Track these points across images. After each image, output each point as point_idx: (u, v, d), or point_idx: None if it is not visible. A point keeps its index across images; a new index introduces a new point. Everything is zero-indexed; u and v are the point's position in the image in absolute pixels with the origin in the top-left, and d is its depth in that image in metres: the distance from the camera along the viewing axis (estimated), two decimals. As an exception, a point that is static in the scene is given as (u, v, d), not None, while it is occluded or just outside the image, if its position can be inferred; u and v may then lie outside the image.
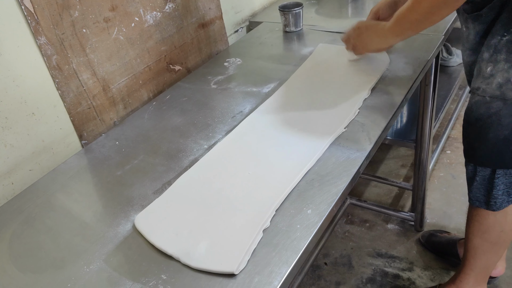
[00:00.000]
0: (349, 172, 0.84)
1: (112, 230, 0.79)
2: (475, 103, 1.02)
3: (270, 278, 0.65)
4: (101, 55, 1.09)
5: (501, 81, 0.94)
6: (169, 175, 0.91)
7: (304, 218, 0.75)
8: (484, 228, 1.18)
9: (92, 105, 1.10)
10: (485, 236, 1.19)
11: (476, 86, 1.00)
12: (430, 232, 1.63)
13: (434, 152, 1.89)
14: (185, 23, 1.33)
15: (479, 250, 1.23)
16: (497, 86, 0.95)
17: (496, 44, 0.94)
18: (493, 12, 0.94)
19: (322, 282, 1.57)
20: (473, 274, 1.28)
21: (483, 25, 0.98)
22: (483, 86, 0.98)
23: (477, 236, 1.21)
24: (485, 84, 0.98)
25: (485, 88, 0.98)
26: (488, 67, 0.97)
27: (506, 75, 0.94)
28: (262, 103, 1.09)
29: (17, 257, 0.77)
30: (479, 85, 0.99)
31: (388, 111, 0.99)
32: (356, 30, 1.12)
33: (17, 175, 0.98)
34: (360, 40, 1.11)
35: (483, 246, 1.22)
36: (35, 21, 0.93)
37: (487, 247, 1.22)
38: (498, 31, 0.94)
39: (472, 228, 1.21)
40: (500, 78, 0.94)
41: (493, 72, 0.95)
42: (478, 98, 1.00)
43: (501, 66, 0.94)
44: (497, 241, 1.20)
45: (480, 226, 1.19)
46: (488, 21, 0.96)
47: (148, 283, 0.67)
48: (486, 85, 0.97)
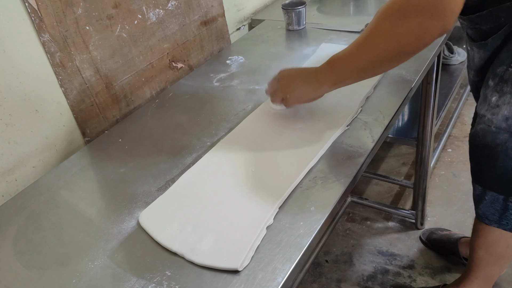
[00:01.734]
0: (352, 170, 0.84)
1: (116, 226, 0.79)
2: (481, 130, 0.98)
3: (273, 274, 0.66)
4: (104, 52, 1.09)
5: (507, 114, 0.91)
6: (173, 172, 0.91)
7: (307, 215, 0.75)
8: (489, 242, 1.17)
9: (95, 102, 1.10)
10: (490, 250, 1.18)
11: (482, 113, 0.97)
12: (431, 230, 1.64)
13: (435, 150, 1.89)
14: (188, 21, 1.33)
15: (483, 262, 1.22)
16: (503, 118, 0.92)
17: (502, 74, 0.90)
18: (499, 41, 0.91)
19: (323, 279, 1.57)
20: (477, 282, 1.28)
21: (488, 52, 0.94)
22: (488, 116, 0.94)
23: (482, 249, 1.20)
24: (490, 113, 0.94)
25: (490, 118, 0.94)
26: (493, 96, 0.93)
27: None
28: (264, 101, 1.09)
29: (22, 253, 0.77)
30: (485, 113, 0.95)
31: (391, 109, 0.99)
32: (282, 80, 0.96)
33: (20, 172, 0.98)
34: (290, 91, 0.95)
35: (488, 259, 1.21)
36: (38, 18, 0.94)
37: (492, 260, 1.21)
38: (504, 61, 0.90)
39: (477, 241, 1.19)
40: (506, 111, 0.91)
41: (499, 103, 0.92)
42: (484, 126, 0.96)
43: (507, 99, 0.90)
44: (502, 255, 1.19)
45: (485, 240, 1.17)
46: (493, 48, 0.93)
47: (152, 279, 0.68)
48: (492, 115, 0.94)
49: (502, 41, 0.90)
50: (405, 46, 0.76)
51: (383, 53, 0.78)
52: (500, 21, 0.88)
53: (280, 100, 0.97)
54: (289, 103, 0.96)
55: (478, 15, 0.89)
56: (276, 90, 0.97)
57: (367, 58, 0.81)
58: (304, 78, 0.93)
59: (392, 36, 0.75)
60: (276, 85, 0.97)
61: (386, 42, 0.77)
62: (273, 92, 0.98)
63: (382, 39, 0.77)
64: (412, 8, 0.71)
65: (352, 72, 0.85)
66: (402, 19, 0.73)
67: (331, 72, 0.88)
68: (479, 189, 1.06)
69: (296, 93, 0.94)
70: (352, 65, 0.84)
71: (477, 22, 0.91)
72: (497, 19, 0.88)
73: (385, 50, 0.78)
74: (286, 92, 0.95)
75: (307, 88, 0.92)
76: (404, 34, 0.74)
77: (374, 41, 0.79)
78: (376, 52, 0.79)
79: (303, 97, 0.94)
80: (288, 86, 0.95)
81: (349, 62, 0.85)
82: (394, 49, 0.77)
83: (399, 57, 0.80)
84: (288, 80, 0.96)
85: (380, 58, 0.80)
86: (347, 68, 0.85)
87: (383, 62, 0.81)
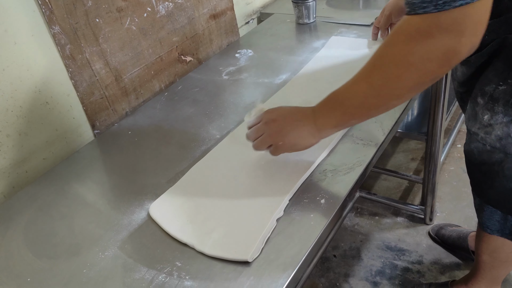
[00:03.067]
0: (362, 163, 0.84)
1: (127, 217, 0.79)
2: (475, 148, 0.94)
3: (283, 266, 0.66)
4: (114, 45, 1.09)
5: (501, 135, 0.86)
6: (182, 164, 0.91)
7: (318, 207, 0.75)
8: (493, 248, 1.16)
9: (105, 95, 1.10)
10: (494, 255, 1.18)
11: (474, 130, 0.92)
12: (440, 226, 1.63)
13: (445, 145, 1.88)
14: (197, 14, 1.33)
15: (488, 265, 1.22)
16: (496, 138, 0.87)
17: (492, 92, 0.84)
18: (482, 59, 0.86)
19: (331, 274, 1.57)
20: (485, 282, 1.28)
21: (471, 69, 0.90)
22: (481, 134, 0.90)
23: (486, 254, 1.19)
24: (483, 132, 0.89)
25: (484, 137, 0.90)
26: (485, 114, 0.87)
27: (506, 130, 0.85)
28: (274, 94, 1.09)
29: (33, 243, 0.77)
30: (477, 131, 0.91)
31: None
32: (272, 123, 0.78)
33: (31, 164, 0.98)
34: (282, 138, 0.77)
35: (493, 263, 1.21)
36: (49, 10, 0.94)
37: (497, 264, 1.21)
38: (492, 79, 0.85)
39: (481, 247, 1.19)
40: (499, 131, 0.86)
41: (491, 122, 0.86)
42: (479, 145, 0.92)
43: (499, 119, 0.85)
44: (506, 260, 1.18)
45: (488, 246, 1.17)
46: (476, 65, 0.88)
47: (163, 269, 0.68)
48: (485, 134, 0.89)
49: (486, 59, 0.85)
50: (427, 74, 0.62)
51: (398, 85, 0.64)
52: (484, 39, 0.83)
53: (264, 146, 0.79)
54: (278, 151, 0.79)
55: None
56: (264, 136, 0.78)
57: (376, 93, 0.67)
58: (298, 121, 0.77)
59: (411, 64, 0.61)
60: (263, 129, 0.79)
61: (402, 71, 0.62)
62: (259, 137, 0.79)
63: (397, 68, 0.63)
64: (435, 26, 0.57)
65: (358, 110, 0.71)
66: (423, 41, 0.59)
67: (332, 112, 0.74)
68: (478, 201, 1.05)
69: (289, 140, 0.77)
70: (358, 101, 0.70)
71: None
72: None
73: (401, 81, 0.63)
74: (276, 139, 0.77)
75: (302, 133, 0.76)
76: (426, 60, 0.60)
77: (387, 71, 0.64)
78: (389, 85, 0.65)
79: (298, 145, 0.78)
80: (280, 131, 0.77)
81: (354, 98, 0.70)
82: (412, 79, 0.62)
83: (416, 89, 0.65)
84: (279, 123, 0.78)
85: (394, 91, 0.65)
86: (352, 106, 0.71)
87: (398, 96, 0.66)
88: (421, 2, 0.57)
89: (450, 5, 0.55)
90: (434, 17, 0.57)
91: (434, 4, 0.56)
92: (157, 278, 0.67)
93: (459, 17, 0.56)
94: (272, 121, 0.79)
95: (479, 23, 0.58)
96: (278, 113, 0.79)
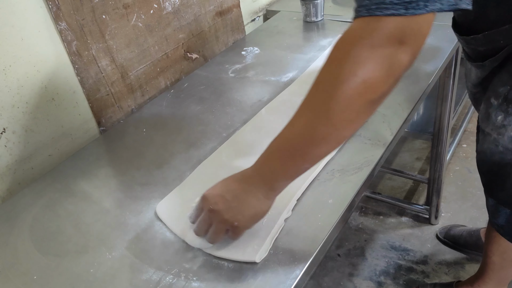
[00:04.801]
0: (370, 163, 0.83)
1: (134, 217, 0.79)
2: (488, 148, 0.94)
3: (291, 267, 0.65)
4: (120, 41, 1.09)
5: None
6: (189, 162, 0.90)
7: (326, 207, 0.75)
8: (503, 249, 1.16)
9: (111, 92, 1.09)
10: (504, 256, 1.18)
11: (487, 131, 0.92)
12: (447, 228, 1.62)
13: (451, 145, 1.87)
14: (203, 11, 1.32)
15: (497, 266, 1.22)
16: (509, 140, 0.88)
17: (506, 94, 0.85)
18: (496, 63, 0.86)
19: (335, 273, 1.57)
20: (492, 283, 1.27)
21: (485, 72, 0.90)
22: (494, 135, 0.90)
23: (496, 255, 1.19)
24: (496, 133, 0.90)
25: (497, 138, 0.90)
26: (498, 115, 0.88)
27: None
28: (280, 92, 1.08)
29: (39, 240, 0.77)
30: (490, 132, 0.91)
31: (410, 102, 0.98)
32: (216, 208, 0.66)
33: (37, 160, 0.98)
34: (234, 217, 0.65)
35: (502, 264, 1.20)
36: (56, 6, 0.93)
37: (507, 264, 1.20)
38: (507, 81, 0.85)
39: (491, 247, 1.19)
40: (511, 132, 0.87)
41: (505, 123, 0.87)
42: (491, 146, 0.93)
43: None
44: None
45: (498, 247, 1.16)
46: (490, 68, 0.88)
47: (170, 271, 0.67)
48: (498, 135, 0.89)
49: (500, 63, 0.85)
50: (373, 87, 0.53)
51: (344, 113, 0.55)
52: (499, 44, 0.82)
53: (224, 234, 0.68)
54: (238, 233, 0.68)
55: (473, 38, 0.85)
56: (214, 226, 0.67)
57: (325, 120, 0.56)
58: (243, 191, 0.65)
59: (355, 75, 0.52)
60: (210, 218, 0.67)
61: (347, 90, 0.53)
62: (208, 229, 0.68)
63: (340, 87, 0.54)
64: (379, 36, 0.51)
65: (307, 147, 0.59)
66: (368, 51, 0.52)
67: (279, 162, 0.63)
68: (492, 201, 1.03)
69: (244, 216, 0.66)
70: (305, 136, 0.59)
71: (473, 43, 0.87)
72: (494, 42, 0.83)
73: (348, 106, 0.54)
74: (230, 222, 0.66)
75: (253, 202, 0.65)
76: (371, 71, 0.52)
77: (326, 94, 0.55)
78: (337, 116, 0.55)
79: (256, 216, 0.67)
80: (228, 213, 0.65)
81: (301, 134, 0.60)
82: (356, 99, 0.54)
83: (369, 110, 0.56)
84: (224, 204, 0.66)
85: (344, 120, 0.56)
86: (298, 144, 0.60)
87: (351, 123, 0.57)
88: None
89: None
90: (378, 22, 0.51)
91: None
92: (164, 279, 0.66)
93: (402, 27, 0.51)
94: (215, 204, 0.66)
95: (420, 34, 0.52)
96: (217, 194, 0.67)
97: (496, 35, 0.81)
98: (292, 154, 0.61)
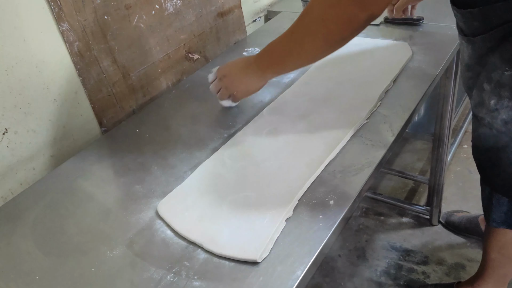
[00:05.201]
0: (372, 164, 0.83)
1: (134, 216, 0.79)
2: (482, 133, 0.95)
3: (293, 267, 0.65)
4: (122, 42, 1.09)
5: (506, 118, 0.88)
6: (190, 162, 0.91)
7: (327, 208, 0.75)
8: (502, 244, 1.17)
9: (112, 92, 1.10)
10: (502, 252, 1.18)
11: (481, 116, 0.93)
12: (449, 213, 1.67)
13: (452, 146, 1.87)
14: (204, 12, 1.32)
15: (496, 263, 1.22)
16: (502, 123, 0.89)
17: (498, 79, 0.86)
18: (488, 44, 0.86)
19: (335, 273, 1.57)
20: (492, 282, 1.28)
21: (476, 52, 0.90)
22: (488, 119, 0.91)
23: (494, 251, 1.20)
24: (490, 117, 0.91)
25: (490, 121, 0.91)
26: (491, 99, 0.89)
27: (511, 113, 0.87)
28: (282, 93, 1.09)
29: (41, 241, 0.77)
30: (484, 116, 0.92)
31: (411, 103, 0.98)
32: (224, 78, 0.99)
33: (39, 161, 0.98)
34: (235, 88, 0.99)
35: (501, 260, 1.21)
36: (58, 7, 0.94)
37: (506, 261, 1.21)
38: (499, 65, 0.85)
39: (490, 243, 1.19)
40: (505, 115, 0.88)
41: (497, 106, 0.88)
42: (485, 130, 0.94)
43: (505, 103, 0.87)
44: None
45: (497, 242, 1.17)
46: (482, 49, 0.88)
47: (171, 269, 0.68)
48: (492, 119, 0.91)
49: (493, 44, 0.85)
50: (334, 33, 0.78)
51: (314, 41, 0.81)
52: (491, 22, 0.83)
53: (227, 97, 1.01)
54: (237, 98, 1.02)
55: (469, 11, 0.85)
56: (222, 89, 1.00)
57: (300, 49, 0.83)
58: (245, 71, 0.95)
59: (323, 20, 0.77)
60: (220, 84, 1.00)
61: (317, 27, 0.79)
62: (219, 91, 1.02)
63: (314, 24, 0.79)
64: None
65: (286, 61, 0.88)
66: (333, 6, 0.76)
67: (268, 61, 0.91)
68: (487, 192, 1.04)
69: (241, 88, 0.98)
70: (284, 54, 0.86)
71: (468, 17, 0.88)
72: (488, 19, 0.83)
73: (316, 37, 0.80)
74: (231, 89, 0.99)
75: (250, 80, 0.95)
76: (333, 21, 0.76)
77: (306, 26, 0.81)
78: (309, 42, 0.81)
79: (249, 90, 0.98)
80: (232, 83, 0.98)
81: (281, 51, 0.87)
82: (324, 35, 0.79)
83: (330, 45, 0.82)
84: (229, 77, 0.98)
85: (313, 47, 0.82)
86: (280, 57, 0.88)
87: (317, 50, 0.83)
88: None
89: None
90: None
91: None
92: (165, 278, 0.66)
93: None
94: (223, 76, 0.99)
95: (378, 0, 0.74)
96: (227, 69, 0.99)
97: (490, 11, 0.82)
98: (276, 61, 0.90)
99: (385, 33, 1.31)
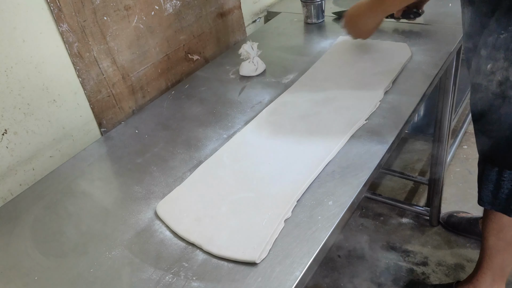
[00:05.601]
0: (371, 164, 0.83)
1: (134, 217, 0.79)
2: (479, 99, 0.99)
3: (291, 268, 0.65)
4: (121, 43, 1.09)
5: (501, 79, 0.91)
6: (189, 163, 0.91)
7: (325, 209, 0.75)
8: (499, 228, 1.18)
9: (112, 93, 1.10)
10: (500, 236, 1.19)
11: (478, 82, 0.97)
12: (449, 214, 1.66)
13: (451, 146, 1.87)
14: (204, 12, 1.32)
15: (494, 250, 1.23)
16: (497, 84, 0.92)
17: (494, 42, 0.90)
18: (487, 6, 0.90)
19: (335, 274, 1.57)
20: (490, 274, 1.28)
21: (476, 17, 0.93)
22: (485, 83, 0.95)
23: (492, 235, 1.21)
24: (486, 81, 0.95)
25: (487, 85, 0.95)
26: (488, 64, 0.93)
27: (505, 73, 0.91)
28: (281, 93, 1.09)
29: (40, 241, 0.78)
30: (481, 82, 0.96)
31: (410, 104, 0.98)
32: (348, 22, 1.16)
33: (38, 161, 0.99)
34: (358, 32, 1.16)
35: (498, 246, 1.22)
36: (57, 8, 0.94)
37: (503, 246, 1.21)
38: (495, 29, 0.90)
39: (488, 228, 1.21)
40: (499, 76, 0.91)
41: (494, 69, 0.92)
42: (482, 95, 0.97)
43: (500, 64, 0.91)
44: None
45: (494, 225, 1.18)
46: (481, 14, 0.92)
47: (170, 270, 0.68)
48: (488, 82, 0.94)
49: (490, 9, 0.89)
50: None
51: None
52: None
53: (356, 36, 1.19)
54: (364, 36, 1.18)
55: None
56: (348, 31, 1.18)
57: None
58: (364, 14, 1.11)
59: None
60: (347, 25, 1.18)
61: None
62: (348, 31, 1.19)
63: None
64: None
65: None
66: None
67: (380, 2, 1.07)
68: (481, 165, 1.08)
69: (362, 32, 1.16)
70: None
71: None
72: None
73: None
74: (355, 34, 1.18)
75: (369, 25, 1.12)
76: None
77: None
78: None
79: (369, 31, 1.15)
80: (354, 27, 1.16)
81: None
82: None
83: None
84: (353, 21, 1.15)
85: None
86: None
87: None
88: None
89: None
90: None
91: None
92: (164, 278, 0.66)
93: None
94: (348, 20, 1.16)
95: None
96: (351, 12, 1.15)
97: None
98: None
99: (385, 34, 1.31)
